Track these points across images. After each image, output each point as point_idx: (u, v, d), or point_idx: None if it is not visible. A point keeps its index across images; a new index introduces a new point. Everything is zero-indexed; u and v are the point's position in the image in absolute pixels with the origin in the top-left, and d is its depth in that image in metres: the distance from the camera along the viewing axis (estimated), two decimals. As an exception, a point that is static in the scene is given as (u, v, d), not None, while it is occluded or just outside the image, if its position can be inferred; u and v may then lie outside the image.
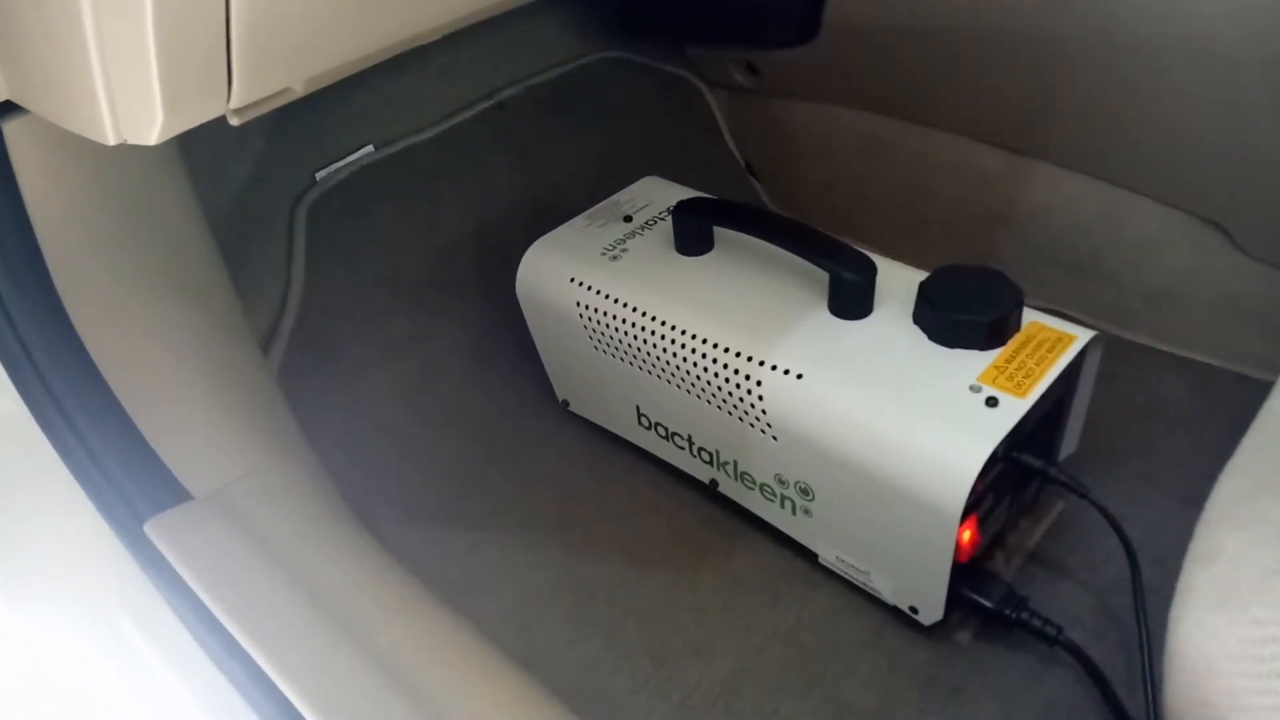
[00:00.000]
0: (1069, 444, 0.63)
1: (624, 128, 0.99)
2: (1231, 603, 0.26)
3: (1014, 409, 0.51)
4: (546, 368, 0.74)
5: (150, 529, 0.47)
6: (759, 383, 0.57)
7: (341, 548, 0.50)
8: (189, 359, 0.55)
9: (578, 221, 0.72)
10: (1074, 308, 0.81)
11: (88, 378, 0.50)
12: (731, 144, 1.01)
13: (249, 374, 0.59)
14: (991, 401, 0.51)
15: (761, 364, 0.57)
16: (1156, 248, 0.76)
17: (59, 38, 0.38)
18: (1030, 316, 0.57)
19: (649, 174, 0.78)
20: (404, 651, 0.43)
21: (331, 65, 0.44)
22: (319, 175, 0.79)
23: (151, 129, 0.38)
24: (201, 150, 0.66)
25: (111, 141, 0.39)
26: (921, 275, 0.59)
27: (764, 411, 0.57)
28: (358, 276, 0.78)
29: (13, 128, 0.46)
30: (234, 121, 0.42)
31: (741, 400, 0.58)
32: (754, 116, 0.99)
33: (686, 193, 0.74)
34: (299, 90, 0.43)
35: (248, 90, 0.40)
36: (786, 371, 0.56)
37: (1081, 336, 0.56)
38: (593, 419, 0.74)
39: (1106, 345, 0.78)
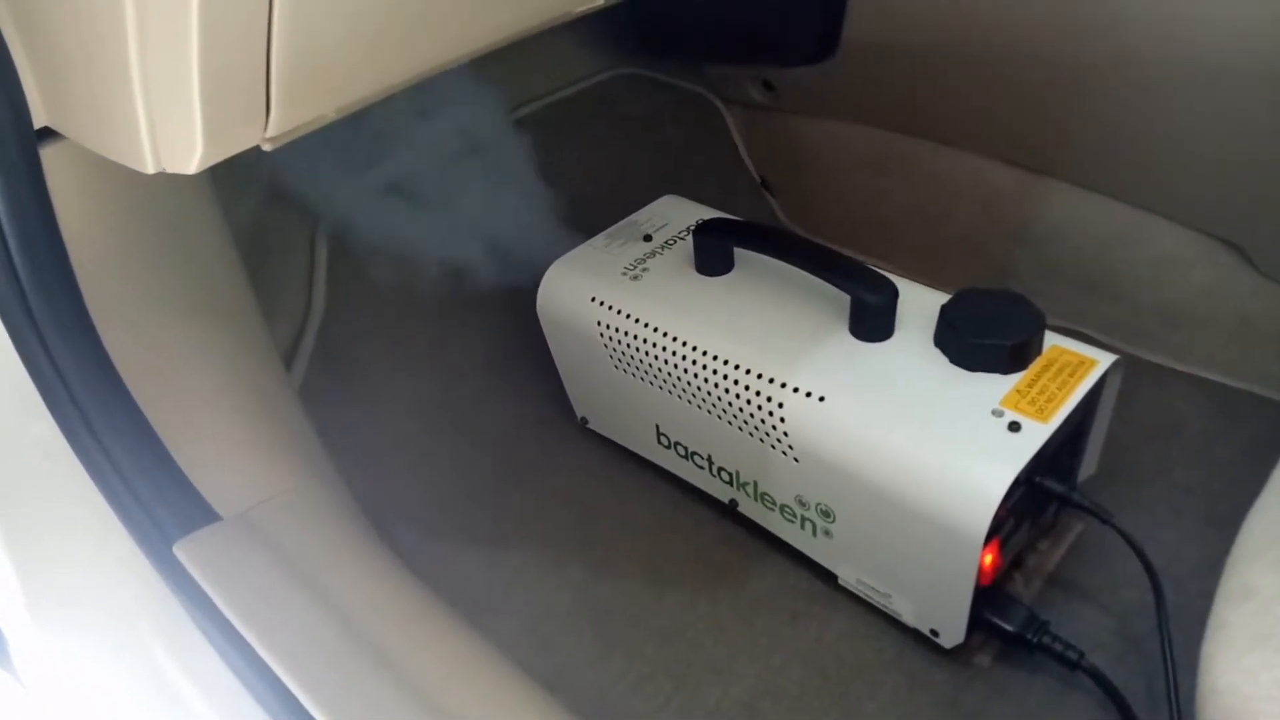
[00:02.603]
0: (1088, 466, 0.63)
1: (642, 143, 0.99)
2: (1268, 644, 0.26)
3: (1037, 434, 0.51)
4: (566, 385, 0.75)
5: (179, 550, 0.48)
6: (780, 404, 0.57)
7: (367, 568, 0.50)
8: (217, 380, 0.55)
9: (598, 241, 0.72)
10: (1091, 327, 0.81)
11: (119, 400, 0.50)
12: (747, 160, 1.02)
13: (275, 393, 0.59)
14: (1014, 426, 0.51)
15: (783, 386, 0.57)
16: (1173, 268, 0.77)
17: (102, 68, 0.38)
18: (1050, 339, 0.58)
19: (666, 189, 0.78)
20: (431, 675, 0.44)
21: (367, 94, 0.44)
22: (342, 192, 0.80)
23: (191, 159, 0.39)
24: (225, 168, 0.66)
25: (151, 170, 0.40)
26: (942, 297, 0.60)
27: (785, 433, 0.57)
28: (378, 292, 0.79)
29: (50, 153, 0.46)
30: (267, 148, 0.42)
31: (763, 422, 0.58)
32: (770, 133, 0.99)
33: (705, 211, 0.74)
34: (332, 117, 0.44)
35: (284, 119, 0.41)
36: (809, 394, 0.56)
37: (1103, 361, 0.56)
38: (611, 437, 0.74)
39: (1125, 364, 0.78)
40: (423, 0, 0.41)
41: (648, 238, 0.72)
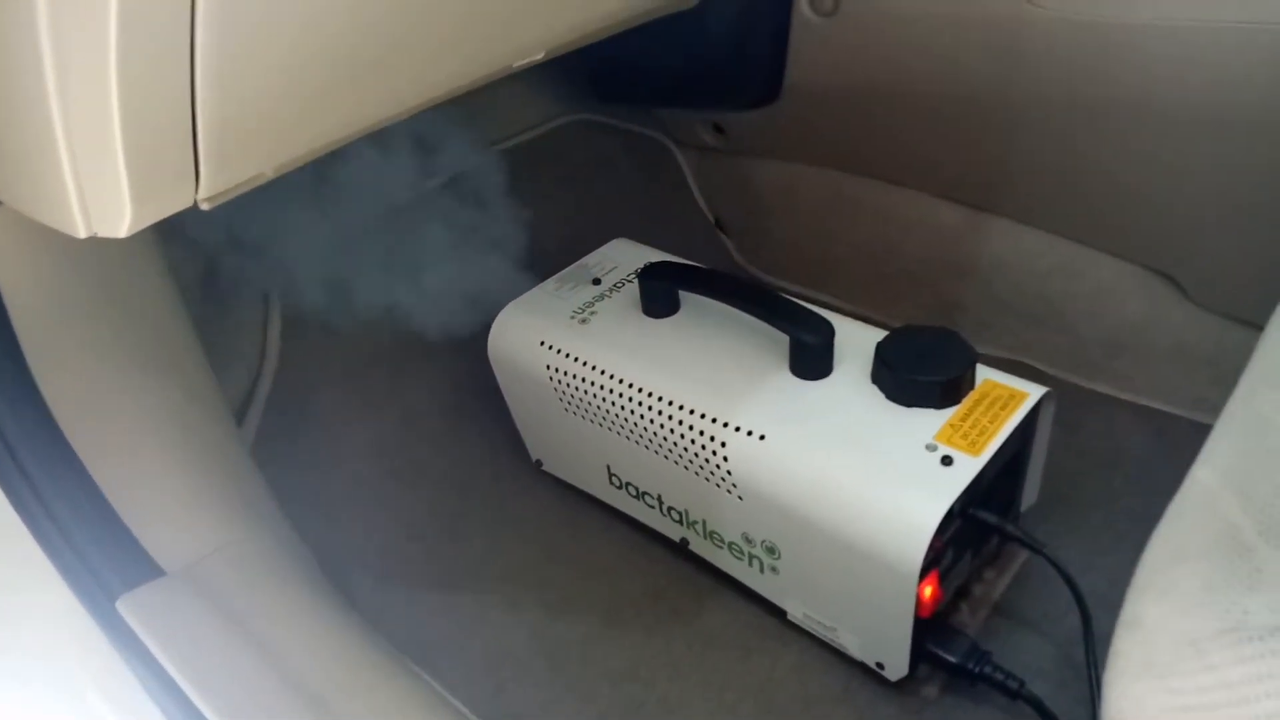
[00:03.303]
0: (1029, 495, 0.65)
1: (597, 187, 1.01)
2: (1151, 672, 0.27)
3: (968, 467, 0.52)
4: (520, 428, 0.75)
5: (122, 606, 0.48)
6: (723, 444, 0.58)
7: (313, 620, 0.50)
8: (162, 434, 0.56)
9: (548, 285, 0.73)
10: (1035, 358, 0.83)
11: (60, 455, 0.51)
12: (701, 201, 1.04)
13: (222, 444, 0.59)
14: (946, 460, 0.53)
15: (725, 425, 0.58)
16: (1111, 298, 0.79)
17: (28, 134, 0.39)
18: (985, 373, 0.59)
19: (623, 231, 0.80)
20: (372, 724, 0.44)
21: (302, 152, 0.45)
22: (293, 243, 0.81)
23: (121, 222, 0.40)
24: (175, 219, 0.67)
25: (82, 234, 0.41)
26: (879, 334, 0.61)
27: (729, 472, 0.58)
28: (332, 339, 0.79)
29: (-10, 217, 0.47)
30: (205, 208, 0.43)
31: (707, 461, 0.59)
32: (722, 174, 1.02)
33: (653, 254, 0.76)
34: (270, 174, 0.45)
35: (217, 181, 0.42)
36: (750, 433, 0.57)
37: (1033, 393, 0.57)
38: (565, 478, 0.75)
39: (1067, 394, 0.80)
40: (356, 58, 0.43)
41: (597, 281, 0.73)
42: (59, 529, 0.50)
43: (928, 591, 0.54)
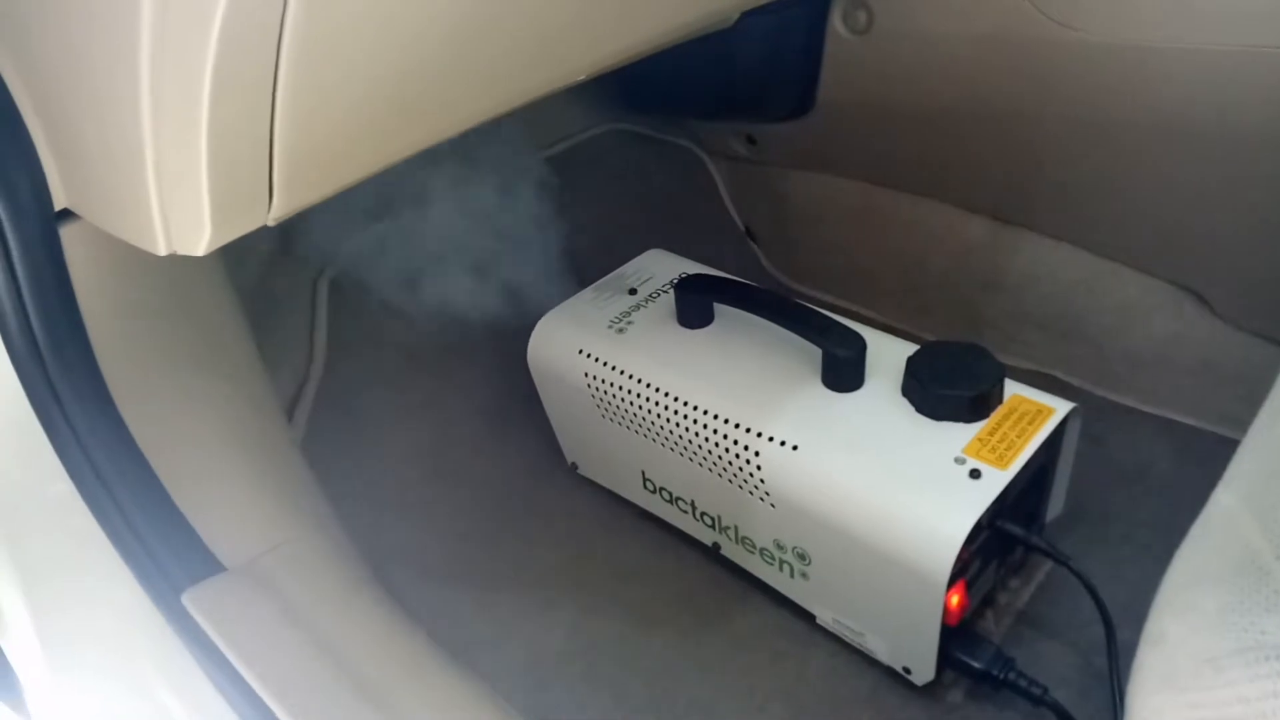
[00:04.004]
0: (1054, 507, 0.66)
1: (630, 196, 1.04)
2: (1172, 686, 0.29)
3: (996, 481, 0.54)
4: (556, 433, 0.78)
5: (187, 600, 0.51)
6: (757, 453, 0.60)
7: (366, 616, 0.53)
8: (223, 436, 0.58)
9: (586, 294, 0.76)
10: (1061, 370, 0.84)
11: (130, 458, 0.53)
12: (732, 209, 1.06)
13: (277, 446, 0.62)
14: (975, 474, 0.54)
15: (760, 435, 0.60)
16: (1138, 314, 0.80)
17: (118, 159, 0.42)
18: (1012, 388, 0.61)
19: (656, 239, 0.82)
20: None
21: (364, 174, 0.48)
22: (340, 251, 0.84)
23: (200, 242, 0.42)
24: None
25: (163, 253, 0.43)
26: (910, 348, 0.63)
27: (762, 480, 0.60)
28: (377, 344, 0.82)
29: (68, 232, 0.50)
30: (271, 224, 0.46)
31: (741, 469, 0.61)
32: (753, 184, 1.03)
33: (687, 265, 0.78)
34: (332, 194, 0.48)
35: (286, 203, 0.44)
36: (783, 443, 0.59)
37: (1060, 409, 0.59)
38: (600, 482, 0.77)
39: (1093, 407, 0.81)
40: (418, 94, 0.45)
41: (633, 291, 0.75)
42: (128, 525, 0.53)
43: (955, 600, 0.56)
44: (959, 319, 0.90)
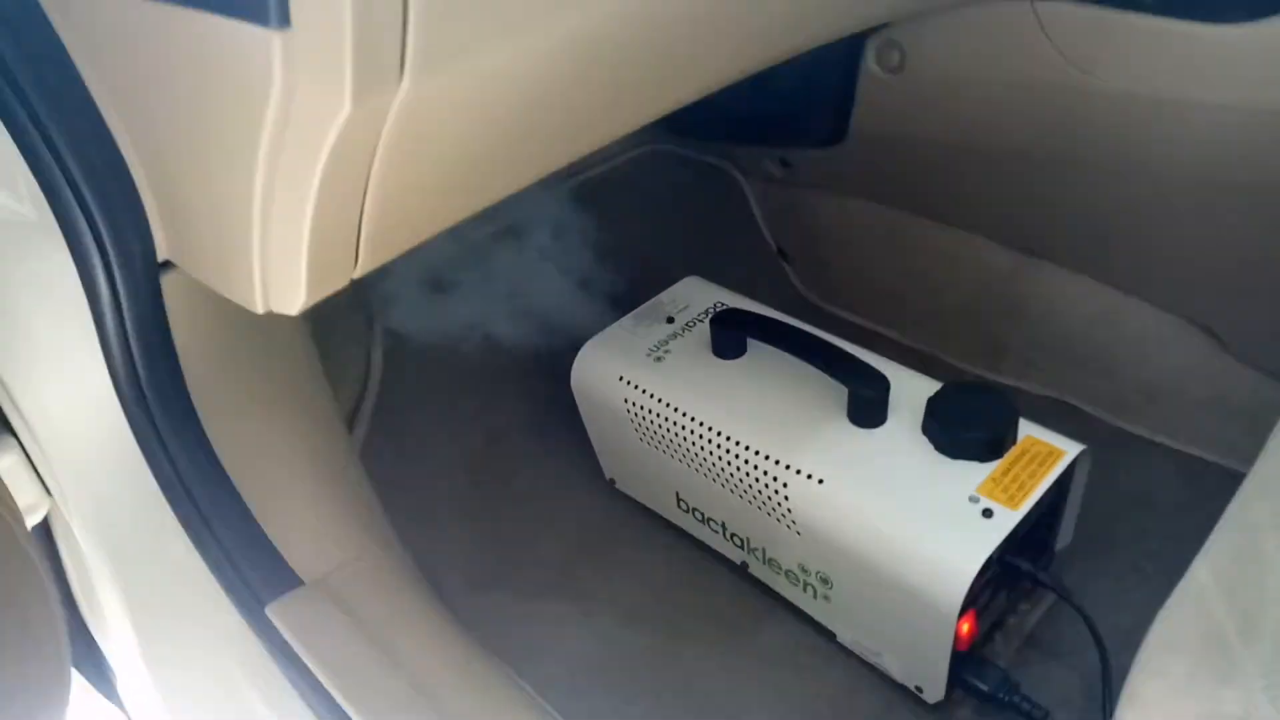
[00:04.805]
0: (1064, 538, 0.70)
1: (668, 214, 1.08)
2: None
3: (1007, 520, 0.58)
4: (596, 450, 0.83)
5: (271, 612, 0.57)
6: (785, 484, 0.65)
7: (428, 628, 0.59)
8: (297, 459, 0.64)
9: (626, 322, 0.80)
10: (1078, 398, 0.88)
11: (219, 483, 0.59)
12: (765, 229, 1.10)
13: (345, 467, 0.68)
14: (988, 513, 0.59)
15: (788, 468, 0.65)
16: (1153, 346, 0.83)
17: (226, 233, 0.47)
18: (1025, 428, 0.65)
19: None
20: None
21: (439, 230, 0.53)
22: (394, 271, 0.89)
23: (295, 305, 0.48)
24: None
25: (261, 311, 0.49)
26: (931, 385, 0.67)
27: (789, 510, 0.65)
28: (429, 362, 0.88)
29: (167, 280, 0.55)
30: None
31: (769, 499, 0.66)
32: (786, 206, 1.07)
33: (722, 293, 0.82)
34: (407, 249, 0.53)
35: (368, 264, 0.50)
36: (810, 476, 0.64)
37: (1070, 451, 0.63)
38: (636, 498, 0.82)
39: (1107, 435, 0.85)
40: (490, 169, 0.50)
41: (670, 319, 0.80)
42: (216, 542, 0.59)
43: (965, 628, 0.60)
44: (981, 345, 0.94)
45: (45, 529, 0.65)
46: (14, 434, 0.60)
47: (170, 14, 0.37)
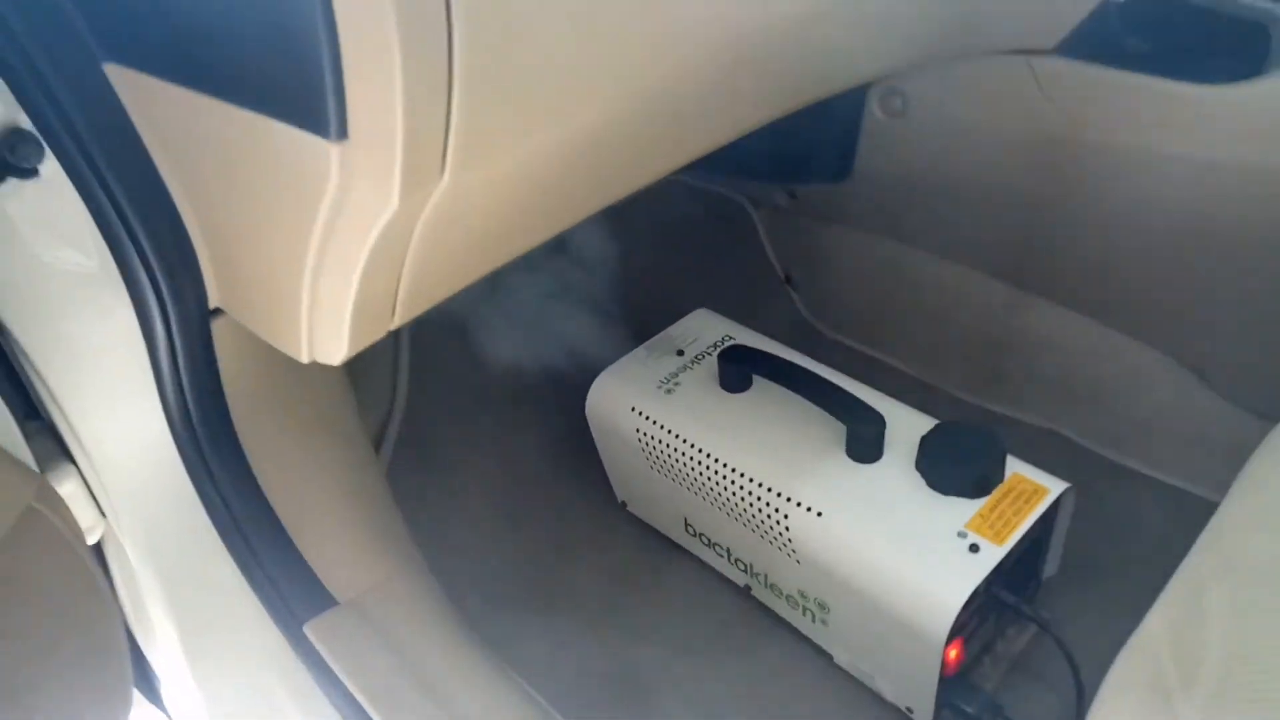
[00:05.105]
0: (1051, 567, 0.75)
1: (680, 241, 1.12)
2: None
3: (992, 555, 0.63)
4: (609, 474, 0.88)
5: (309, 629, 0.62)
6: (786, 515, 0.69)
7: (454, 647, 0.63)
8: (332, 486, 0.69)
9: (639, 353, 0.85)
10: (1069, 429, 0.92)
11: (260, 508, 0.64)
12: (772, 256, 1.14)
13: (375, 493, 0.73)
14: (974, 548, 0.63)
15: (789, 500, 0.69)
16: (1142, 383, 0.87)
17: (276, 291, 0.52)
18: (1013, 465, 0.69)
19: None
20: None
21: (469, 283, 0.58)
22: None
23: (337, 356, 0.53)
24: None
25: (305, 360, 0.54)
26: (926, 422, 0.71)
27: (790, 540, 0.69)
28: (452, 388, 0.92)
29: (217, 325, 0.60)
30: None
31: (771, 528, 0.70)
32: (793, 234, 1.11)
33: (730, 326, 0.86)
34: (441, 300, 0.57)
35: (405, 317, 0.54)
36: (809, 509, 0.68)
37: (1054, 489, 0.67)
38: (647, 520, 0.87)
39: (1095, 466, 0.89)
40: (525, 229, 0.55)
41: (680, 352, 0.84)
42: (257, 563, 0.64)
43: (952, 654, 0.65)
44: (978, 375, 0.98)
45: (98, 548, 0.70)
46: (73, 462, 0.65)
47: (237, 112, 0.41)
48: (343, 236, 0.43)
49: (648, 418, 0.78)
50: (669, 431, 0.77)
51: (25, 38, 0.48)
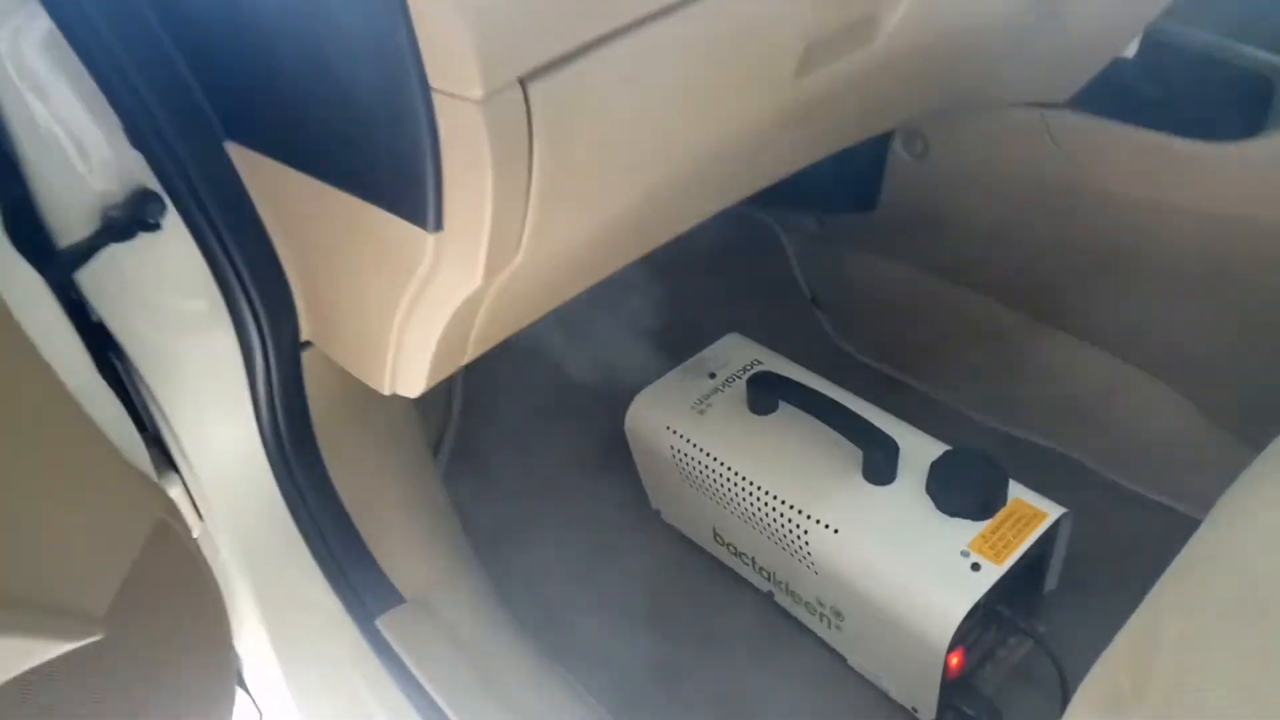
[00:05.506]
0: (1050, 582, 0.81)
1: (712, 263, 1.19)
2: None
3: (991, 574, 0.69)
4: (644, 484, 0.95)
5: (382, 624, 0.70)
6: (806, 531, 0.76)
7: (508, 643, 0.71)
8: (399, 495, 0.77)
9: (674, 375, 0.92)
10: (1077, 452, 0.98)
11: (338, 513, 0.72)
12: (800, 279, 1.21)
13: (436, 500, 0.81)
14: (976, 566, 0.70)
15: (809, 517, 0.76)
16: (1146, 410, 0.93)
17: (368, 339, 0.60)
18: (1015, 490, 0.75)
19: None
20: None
21: (530, 323, 0.65)
22: None
23: (416, 390, 0.61)
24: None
25: (387, 393, 0.62)
26: (938, 448, 0.78)
27: (809, 554, 0.76)
28: (503, 400, 1.01)
29: (307, 356, 0.68)
30: (457, 364, 0.64)
31: (792, 542, 0.77)
32: (820, 258, 1.18)
33: (760, 351, 0.93)
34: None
35: (475, 354, 0.62)
36: (827, 526, 0.75)
37: (1052, 514, 0.74)
38: (679, 528, 0.94)
39: (1099, 487, 0.95)
40: (581, 284, 0.62)
41: (712, 375, 0.91)
42: (335, 563, 0.72)
43: (954, 661, 0.72)
44: (993, 399, 1.04)
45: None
46: (176, 470, 0.74)
47: (345, 196, 0.49)
48: (429, 301, 0.50)
49: (682, 436, 0.86)
50: (701, 450, 0.84)
51: (159, 115, 0.56)
